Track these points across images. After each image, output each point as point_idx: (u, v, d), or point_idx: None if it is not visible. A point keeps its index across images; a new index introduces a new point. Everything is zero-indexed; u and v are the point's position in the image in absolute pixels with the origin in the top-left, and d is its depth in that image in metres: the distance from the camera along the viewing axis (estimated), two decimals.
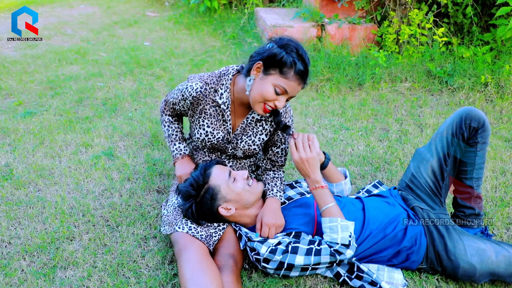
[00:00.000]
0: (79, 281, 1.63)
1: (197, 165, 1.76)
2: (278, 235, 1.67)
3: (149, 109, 3.15)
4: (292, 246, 1.56)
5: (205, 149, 1.90)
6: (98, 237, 1.86)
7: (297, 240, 1.59)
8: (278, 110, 1.77)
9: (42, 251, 1.78)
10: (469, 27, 3.75)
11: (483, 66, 3.36)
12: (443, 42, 3.64)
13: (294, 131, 1.85)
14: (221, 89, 1.75)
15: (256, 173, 2.02)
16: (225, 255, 1.64)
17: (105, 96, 3.38)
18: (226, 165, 1.89)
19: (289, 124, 1.82)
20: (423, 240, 1.67)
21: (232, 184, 1.68)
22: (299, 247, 1.55)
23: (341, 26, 3.89)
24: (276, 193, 1.80)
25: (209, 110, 1.78)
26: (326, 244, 1.55)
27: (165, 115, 1.95)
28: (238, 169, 1.93)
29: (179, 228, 1.67)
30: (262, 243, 1.60)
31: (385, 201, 1.82)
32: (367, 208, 1.75)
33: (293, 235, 1.67)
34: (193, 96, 1.76)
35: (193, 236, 1.65)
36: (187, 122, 2.72)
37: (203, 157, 1.92)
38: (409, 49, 3.68)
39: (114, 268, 1.70)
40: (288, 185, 1.99)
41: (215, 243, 1.68)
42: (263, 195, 1.81)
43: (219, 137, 1.81)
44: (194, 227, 1.68)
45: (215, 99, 1.76)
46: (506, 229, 1.97)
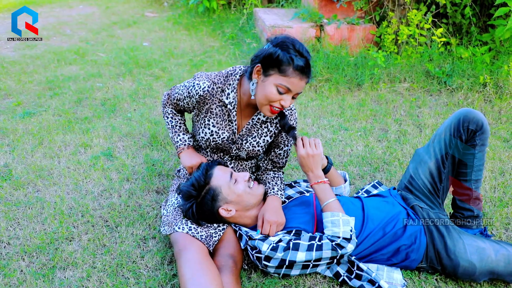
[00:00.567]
0: (78, 282, 1.63)
1: (199, 165, 1.76)
2: (279, 233, 1.68)
3: (148, 110, 3.15)
4: (293, 243, 1.57)
5: (207, 149, 1.90)
6: (97, 238, 1.86)
7: (298, 237, 1.60)
8: (284, 112, 1.77)
9: (41, 251, 1.78)
10: (467, 27, 3.76)
11: (482, 67, 3.37)
12: (442, 43, 3.65)
13: (297, 133, 1.86)
14: (228, 89, 1.75)
15: (256, 173, 2.02)
16: (224, 255, 1.64)
17: (104, 96, 3.38)
18: (228, 166, 1.90)
19: (293, 132, 1.83)
20: (423, 238, 1.68)
21: (233, 186, 1.68)
22: (300, 243, 1.56)
23: (340, 27, 3.90)
24: (277, 191, 1.80)
25: (215, 109, 1.78)
26: (327, 238, 1.56)
27: (168, 107, 1.95)
28: (239, 170, 1.93)
29: (179, 228, 1.67)
30: (263, 241, 1.60)
31: (384, 200, 1.83)
32: (367, 207, 1.75)
33: (293, 233, 1.68)
34: (200, 94, 1.76)
35: (193, 236, 1.64)
36: (188, 122, 2.71)
37: (205, 157, 1.92)
38: (407, 49, 3.69)
39: (113, 269, 1.69)
40: (287, 185, 2.00)
41: (215, 243, 1.68)
42: (264, 196, 1.82)
43: (224, 137, 1.81)
44: (194, 228, 1.67)
45: (222, 99, 1.76)
46: (505, 229, 1.97)
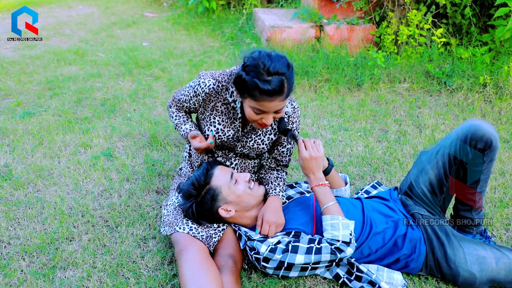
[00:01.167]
0: (78, 282, 1.63)
1: (200, 164, 1.76)
2: (278, 234, 1.68)
3: (148, 110, 3.15)
4: (292, 245, 1.56)
5: (213, 147, 1.89)
6: (98, 238, 1.86)
7: (297, 240, 1.60)
8: (282, 117, 1.77)
9: (41, 251, 1.77)
10: (467, 27, 3.76)
11: (482, 67, 3.37)
12: (442, 43, 3.65)
13: (297, 133, 1.85)
14: (232, 87, 1.75)
15: (259, 173, 2.02)
16: (224, 255, 1.64)
17: (103, 96, 3.37)
18: (231, 164, 1.89)
19: (295, 125, 1.83)
20: (422, 247, 1.66)
21: (233, 186, 1.68)
22: (299, 246, 1.56)
23: (339, 27, 3.90)
24: (279, 192, 1.80)
25: (220, 107, 1.79)
26: (326, 242, 1.56)
27: (172, 107, 1.95)
28: (243, 168, 1.93)
29: (179, 228, 1.67)
30: (262, 242, 1.60)
31: (385, 204, 1.82)
32: (367, 210, 1.75)
33: (292, 234, 1.68)
34: (205, 92, 1.76)
35: (193, 236, 1.64)
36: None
37: (208, 154, 1.92)
38: (407, 49, 3.69)
39: (114, 269, 1.69)
40: (288, 185, 2.00)
41: (215, 244, 1.68)
42: (264, 197, 1.82)
43: (229, 135, 1.81)
44: (195, 228, 1.67)
45: (226, 97, 1.77)
46: (505, 230, 1.97)
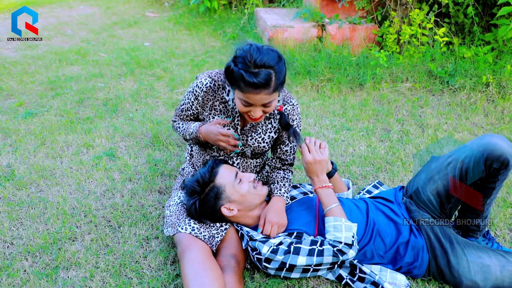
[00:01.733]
0: (81, 282, 1.63)
1: (206, 162, 1.75)
2: (280, 235, 1.67)
3: (150, 110, 3.15)
4: (294, 247, 1.55)
5: (214, 146, 1.89)
6: (100, 238, 1.86)
7: (299, 241, 1.59)
8: (283, 112, 1.76)
9: (44, 251, 1.77)
10: (470, 27, 3.75)
11: (485, 66, 3.36)
12: (444, 42, 3.64)
13: (297, 129, 1.84)
14: (229, 86, 1.75)
15: (262, 173, 2.01)
16: (227, 255, 1.64)
17: (105, 96, 3.37)
18: (234, 163, 1.89)
19: (296, 122, 1.82)
20: (425, 255, 1.65)
21: (237, 185, 1.68)
22: (301, 247, 1.55)
23: (341, 26, 3.89)
24: (284, 193, 1.80)
25: (218, 106, 1.79)
26: (328, 244, 1.55)
27: (177, 121, 1.93)
28: (245, 168, 1.93)
29: (182, 229, 1.67)
30: (263, 242, 1.59)
31: (389, 206, 1.80)
32: (371, 212, 1.74)
33: (294, 235, 1.67)
34: (203, 91, 1.77)
35: (196, 236, 1.64)
36: None
37: (211, 154, 1.92)
38: (410, 49, 3.68)
39: (117, 269, 1.69)
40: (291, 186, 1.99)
41: (217, 243, 1.68)
42: (268, 196, 1.81)
43: None
44: (197, 228, 1.67)
45: (223, 95, 1.77)
46: (509, 230, 1.96)
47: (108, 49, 4.70)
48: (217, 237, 1.69)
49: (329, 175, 1.82)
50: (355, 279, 1.61)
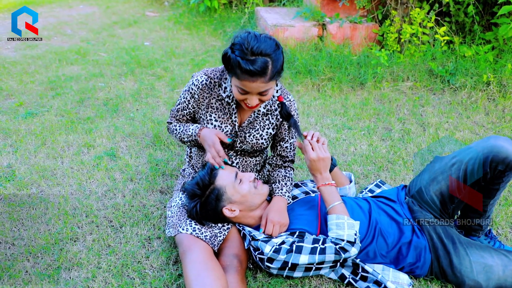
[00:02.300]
0: (83, 282, 1.62)
1: (205, 164, 1.75)
2: (282, 234, 1.67)
3: (150, 109, 3.14)
4: (297, 245, 1.55)
5: None
6: (102, 238, 1.86)
7: (301, 240, 1.59)
8: (284, 102, 1.76)
9: (45, 252, 1.77)
10: (470, 26, 3.75)
11: (485, 65, 3.36)
12: (445, 41, 3.63)
13: (297, 120, 1.83)
14: (225, 83, 1.76)
15: (263, 172, 2.01)
16: (229, 255, 1.64)
17: (106, 96, 3.37)
18: (233, 163, 1.89)
19: (295, 118, 1.81)
20: (428, 256, 1.64)
21: (238, 186, 1.67)
22: (303, 246, 1.55)
23: (342, 25, 3.89)
24: (285, 193, 1.79)
25: (215, 104, 1.79)
26: (331, 242, 1.55)
27: (173, 123, 1.92)
28: (245, 166, 1.92)
29: (183, 229, 1.66)
30: (266, 242, 1.59)
31: (392, 206, 1.79)
32: (374, 212, 1.73)
33: (297, 234, 1.67)
34: (199, 88, 1.77)
35: (197, 237, 1.64)
36: None
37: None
38: (410, 48, 3.68)
39: (119, 269, 1.69)
40: (293, 184, 1.99)
41: (219, 243, 1.68)
42: (269, 196, 1.81)
43: (227, 131, 1.80)
44: (199, 228, 1.67)
45: (220, 93, 1.76)
46: (511, 228, 1.96)
47: (108, 48, 4.69)
48: (220, 236, 1.69)
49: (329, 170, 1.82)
50: (357, 278, 1.61)
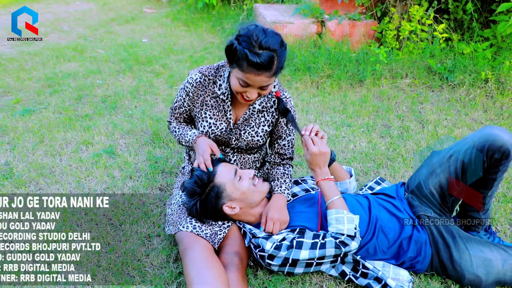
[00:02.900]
0: (83, 281, 1.62)
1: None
2: (283, 231, 1.66)
3: (149, 106, 3.13)
4: (297, 241, 1.56)
5: None
6: (102, 236, 1.85)
7: (301, 236, 1.59)
8: (281, 98, 1.76)
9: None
10: (469, 23, 3.75)
11: (484, 62, 3.36)
12: (444, 38, 3.63)
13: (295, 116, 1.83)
14: (220, 80, 1.76)
15: (262, 170, 2.00)
16: (230, 253, 1.63)
17: (104, 93, 3.35)
18: (231, 160, 1.88)
19: (291, 114, 1.81)
20: (428, 250, 1.65)
21: (237, 183, 1.67)
22: (304, 241, 1.55)
23: (341, 23, 3.88)
24: (284, 190, 1.79)
25: (210, 101, 1.78)
26: (331, 236, 1.55)
27: (173, 123, 1.93)
28: (242, 163, 1.92)
29: (183, 227, 1.65)
30: (266, 239, 1.59)
31: (391, 202, 1.80)
32: (373, 209, 1.73)
33: (297, 231, 1.66)
34: (194, 86, 1.77)
35: (197, 234, 1.63)
36: None
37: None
38: (409, 45, 3.68)
39: (119, 267, 1.68)
40: (293, 182, 1.98)
41: (220, 241, 1.67)
42: (270, 192, 1.80)
43: (222, 128, 1.80)
44: (199, 226, 1.66)
45: (214, 90, 1.76)
46: (510, 224, 1.97)
47: (106, 45, 4.67)
48: (220, 234, 1.68)
49: (328, 165, 1.82)
50: (358, 275, 1.61)
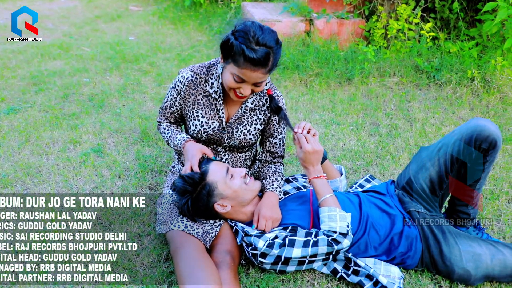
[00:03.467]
0: (73, 281, 1.59)
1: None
2: (275, 229, 1.67)
3: (137, 105, 3.09)
4: (289, 239, 1.56)
5: (201, 142, 1.87)
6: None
7: (293, 234, 1.59)
8: (273, 95, 1.76)
9: (34, 250, 1.72)
10: (455, 22, 3.80)
11: (470, 61, 3.41)
12: (430, 37, 3.68)
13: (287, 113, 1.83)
14: (211, 78, 1.75)
15: (253, 168, 2.00)
16: (222, 251, 1.63)
17: (91, 92, 3.30)
18: (222, 159, 1.87)
19: (283, 112, 1.81)
20: (419, 245, 1.67)
21: (229, 181, 1.66)
22: (296, 239, 1.55)
23: (329, 21, 3.89)
24: (276, 188, 1.79)
25: (201, 100, 1.77)
26: (323, 234, 1.55)
27: (162, 123, 1.91)
28: (234, 162, 1.91)
29: (174, 226, 1.64)
30: (259, 237, 1.59)
31: (382, 199, 1.81)
32: (364, 206, 1.75)
33: (289, 229, 1.67)
34: (185, 85, 1.75)
35: (189, 233, 1.62)
36: None
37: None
38: (397, 44, 3.71)
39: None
40: (285, 180, 1.98)
41: (211, 239, 1.66)
42: (261, 191, 1.80)
43: (214, 127, 1.79)
44: (190, 225, 1.65)
45: (206, 88, 1.75)
46: (497, 221, 2.01)
47: (92, 43, 4.60)
48: (212, 233, 1.67)
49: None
50: (349, 272, 1.62)
